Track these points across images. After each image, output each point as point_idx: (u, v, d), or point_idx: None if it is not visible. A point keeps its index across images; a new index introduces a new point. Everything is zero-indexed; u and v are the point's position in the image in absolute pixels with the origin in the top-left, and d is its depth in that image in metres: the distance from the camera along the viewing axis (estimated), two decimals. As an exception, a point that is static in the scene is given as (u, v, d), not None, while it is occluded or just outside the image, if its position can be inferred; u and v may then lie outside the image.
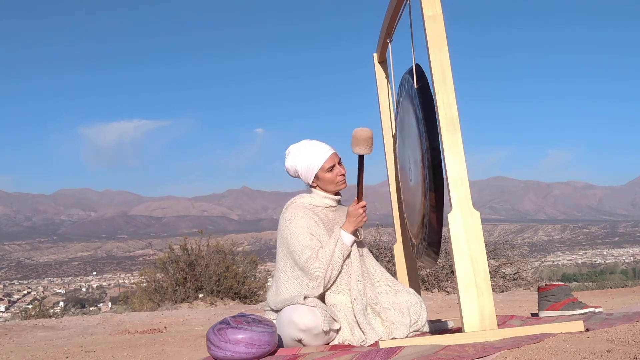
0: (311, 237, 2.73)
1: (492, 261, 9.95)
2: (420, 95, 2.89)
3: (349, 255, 2.74)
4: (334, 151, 2.89)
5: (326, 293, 2.71)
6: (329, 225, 2.85)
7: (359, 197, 2.79)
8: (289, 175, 2.95)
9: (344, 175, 2.89)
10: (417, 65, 3.01)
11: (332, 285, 2.71)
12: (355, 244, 2.78)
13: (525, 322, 2.90)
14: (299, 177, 2.91)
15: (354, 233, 2.77)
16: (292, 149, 2.91)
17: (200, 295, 9.62)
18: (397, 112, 3.46)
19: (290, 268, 2.76)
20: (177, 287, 9.68)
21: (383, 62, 3.74)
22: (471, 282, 2.41)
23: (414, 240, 3.24)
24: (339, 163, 2.89)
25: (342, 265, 2.71)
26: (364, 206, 2.77)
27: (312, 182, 2.87)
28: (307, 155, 2.85)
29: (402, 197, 3.52)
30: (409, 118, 3.09)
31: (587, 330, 2.34)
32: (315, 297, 2.65)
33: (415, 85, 2.94)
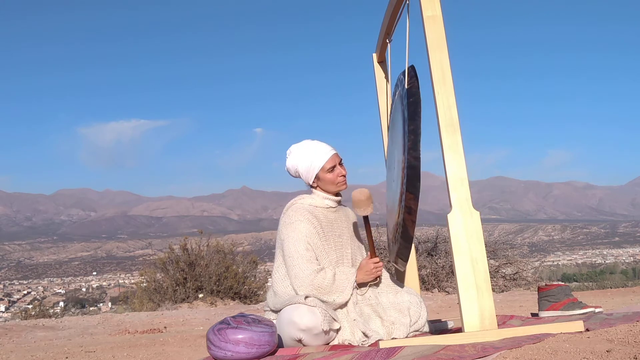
0: (308, 246, 2.72)
1: (492, 261, 9.95)
2: (409, 95, 2.88)
3: None
4: (335, 152, 2.89)
5: None
6: (329, 227, 2.85)
7: (372, 253, 2.82)
8: (289, 175, 2.95)
9: (344, 176, 2.89)
10: (411, 66, 3.00)
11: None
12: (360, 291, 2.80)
13: (525, 322, 2.90)
14: (299, 177, 2.91)
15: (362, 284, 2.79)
16: (293, 148, 2.91)
17: (200, 295, 9.63)
18: (390, 112, 3.46)
19: (284, 272, 2.77)
20: (177, 287, 9.68)
21: (382, 62, 3.73)
22: (471, 282, 2.41)
23: (389, 242, 3.23)
24: (340, 164, 2.89)
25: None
26: (377, 262, 2.77)
27: (313, 182, 2.87)
28: (308, 155, 2.85)
29: (386, 197, 3.51)
30: (398, 118, 3.08)
31: (587, 330, 2.34)
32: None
33: (406, 86, 2.93)
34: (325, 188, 2.87)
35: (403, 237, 2.83)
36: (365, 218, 2.84)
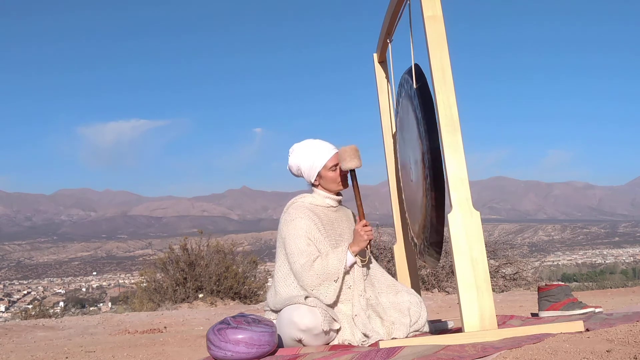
0: (308, 242, 2.72)
1: (492, 261, 9.95)
2: (419, 96, 2.89)
3: (348, 272, 2.73)
4: (337, 150, 2.90)
5: None
6: (329, 226, 2.86)
7: (361, 216, 2.81)
8: (291, 174, 2.96)
9: (346, 175, 2.90)
10: (416, 65, 3.01)
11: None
12: (361, 262, 2.77)
13: (525, 322, 2.90)
14: (301, 175, 2.91)
15: (361, 253, 2.77)
16: (295, 147, 2.92)
17: (200, 295, 9.63)
18: (397, 112, 3.47)
19: (287, 269, 2.77)
20: (177, 287, 9.68)
21: (383, 62, 3.74)
22: (471, 282, 2.41)
23: (415, 240, 3.24)
24: None
25: (341, 281, 2.70)
26: (365, 225, 2.76)
27: (315, 180, 2.87)
28: (311, 153, 2.86)
29: (403, 195, 3.52)
30: (408, 118, 3.10)
31: (587, 330, 2.34)
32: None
33: (414, 85, 2.94)
34: (327, 187, 2.88)
35: (432, 235, 2.84)
36: (352, 173, 2.82)
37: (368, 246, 2.78)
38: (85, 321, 6.53)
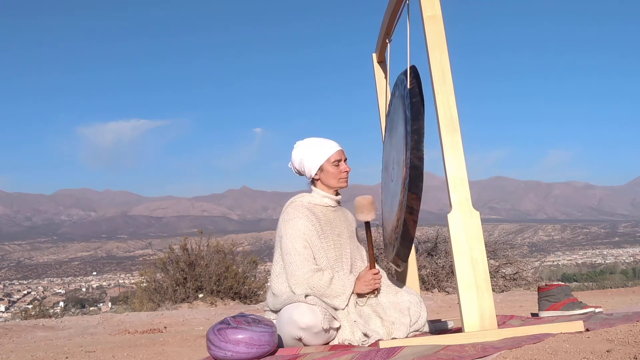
0: (305, 244, 2.73)
1: (492, 261, 9.95)
2: (411, 96, 2.88)
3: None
4: (341, 148, 2.92)
5: None
6: (328, 226, 2.86)
7: (371, 264, 2.81)
8: (291, 173, 2.97)
9: (347, 172, 2.90)
10: (412, 67, 3.01)
11: None
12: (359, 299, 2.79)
13: (525, 322, 2.90)
14: (302, 170, 2.91)
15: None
16: (300, 142, 2.96)
17: (200, 295, 9.63)
18: (388, 112, 3.45)
19: (280, 268, 2.79)
20: (177, 287, 9.68)
21: (382, 62, 3.73)
22: (471, 282, 2.41)
23: (387, 241, 3.23)
24: (345, 161, 2.91)
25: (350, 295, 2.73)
26: (376, 273, 2.77)
27: (316, 174, 2.87)
28: (316, 147, 2.88)
29: (381, 197, 3.50)
30: (397, 118, 3.08)
31: (587, 330, 2.34)
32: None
33: (409, 86, 2.93)
34: (327, 182, 2.88)
35: (403, 236, 2.82)
36: (367, 224, 2.84)
37: (376, 292, 2.80)
38: (85, 321, 6.53)
